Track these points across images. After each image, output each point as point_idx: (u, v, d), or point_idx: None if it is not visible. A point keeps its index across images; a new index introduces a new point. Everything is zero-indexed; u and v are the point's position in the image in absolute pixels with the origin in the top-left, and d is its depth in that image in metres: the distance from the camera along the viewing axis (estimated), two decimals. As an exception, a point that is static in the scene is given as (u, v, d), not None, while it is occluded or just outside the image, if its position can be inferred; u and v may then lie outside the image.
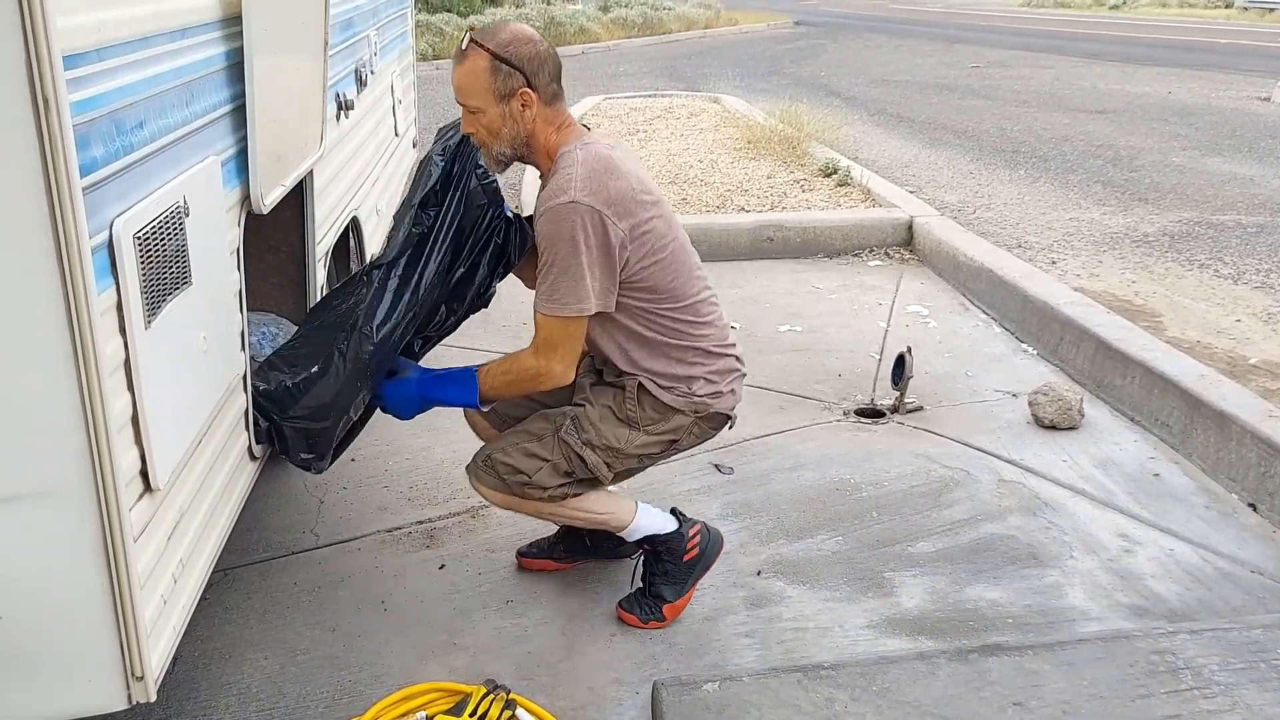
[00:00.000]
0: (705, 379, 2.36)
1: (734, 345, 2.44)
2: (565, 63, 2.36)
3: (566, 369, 2.27)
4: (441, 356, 4.01)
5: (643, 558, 2.54)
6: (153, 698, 1.67)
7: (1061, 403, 3.48)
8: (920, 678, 2.10)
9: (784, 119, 8.19)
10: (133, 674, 1.64)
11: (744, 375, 2.47)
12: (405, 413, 2.45)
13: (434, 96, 10.83)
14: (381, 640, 2.43)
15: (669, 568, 2.49)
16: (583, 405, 2.38)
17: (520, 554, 2.73)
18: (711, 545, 2.55)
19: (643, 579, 2.52)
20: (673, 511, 2.54)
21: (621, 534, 2.49)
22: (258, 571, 2.69)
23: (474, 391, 2.35)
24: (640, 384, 2.34)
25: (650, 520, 2.49)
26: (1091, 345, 3.86)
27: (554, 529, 2.73)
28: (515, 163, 2.31)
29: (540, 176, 2.33)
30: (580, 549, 2.71)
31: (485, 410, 2.52)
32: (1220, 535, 2.86)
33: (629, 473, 2.46)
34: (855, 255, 5.50)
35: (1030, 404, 3.55)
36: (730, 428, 2.48)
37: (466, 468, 2.46)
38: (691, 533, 2.52)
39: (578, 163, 2.18)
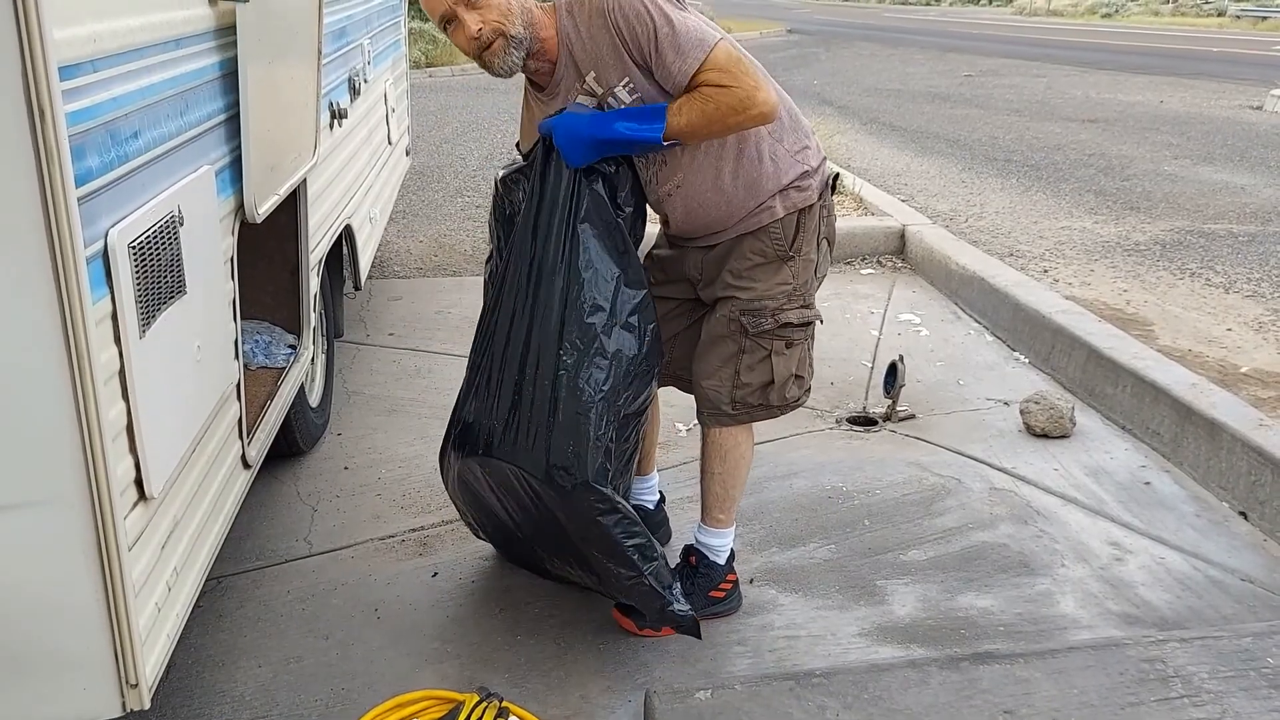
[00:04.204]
0: (811, 147, 2.33)
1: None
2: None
3: (767, 92, 2.06)
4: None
5: (679, 565, 2.57)
6: (147, 705, 1.67)
7: (1053, 411, 3.49)
8: (912, 686, 2.10)
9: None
10: (127, 681, 1.64)
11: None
12: (573, 152, 2.16)
13: (428, 105, 10.84)
14: (374, 648, 2.43)
15: (694, 589, 2.51)
16: (730, 297, 2.35)
17: None
18: (734, 600, 2.57)
19: None
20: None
21: (714, 529, 2.53)
22: (251, 579, 2.69)
23: (659, 124, 2.09)
24: (773, 219, 2.29)
25: (729, 541, 2.56)
26: (1083, 354, 3.87)
27: None
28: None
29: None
30: None
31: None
32: (1211, 544, 2.88)
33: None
34: (847, 263, 5.51)
35: (1022, 412, 3.57)
36: (833, 191, 2.41)
37: (704, 419, 2.44)
38: (730, 576, 2.56)
39: None
